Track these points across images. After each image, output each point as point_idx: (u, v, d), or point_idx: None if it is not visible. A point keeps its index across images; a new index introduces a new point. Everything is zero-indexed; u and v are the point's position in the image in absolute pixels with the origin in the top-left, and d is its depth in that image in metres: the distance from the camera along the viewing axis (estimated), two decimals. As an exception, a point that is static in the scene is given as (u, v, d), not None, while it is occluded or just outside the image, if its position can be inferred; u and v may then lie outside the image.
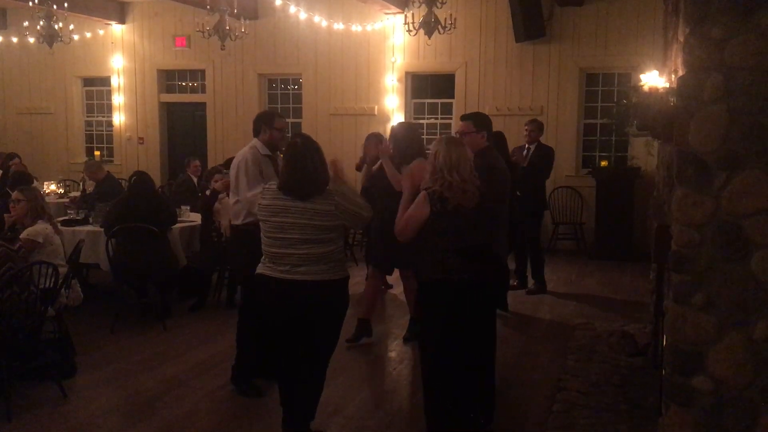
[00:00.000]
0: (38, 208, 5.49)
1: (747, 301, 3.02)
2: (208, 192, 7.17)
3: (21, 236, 5.28)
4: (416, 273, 3.99)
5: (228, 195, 6.84)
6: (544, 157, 7.99)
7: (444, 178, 3.70)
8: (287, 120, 12.27)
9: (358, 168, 7.71)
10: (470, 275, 3.75)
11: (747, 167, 2.98)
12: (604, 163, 10.41)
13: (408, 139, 5.53)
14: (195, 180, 9.32)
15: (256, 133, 5.02)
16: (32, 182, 7.63)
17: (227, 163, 9.35)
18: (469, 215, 3.74)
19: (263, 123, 5.00)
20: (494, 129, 7.23)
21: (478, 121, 4.95)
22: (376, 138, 6.93)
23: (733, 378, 3.06)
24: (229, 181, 6.89)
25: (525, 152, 8.03)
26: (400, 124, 6.09)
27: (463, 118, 5.14)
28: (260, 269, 3.92)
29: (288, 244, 3.79)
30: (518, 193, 7.64)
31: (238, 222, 4.88)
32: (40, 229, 5.33)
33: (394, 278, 7.99)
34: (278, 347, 4.07)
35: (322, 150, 3.91)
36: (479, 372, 4.06)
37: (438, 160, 3.76)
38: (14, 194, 5.55)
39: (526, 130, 8.21)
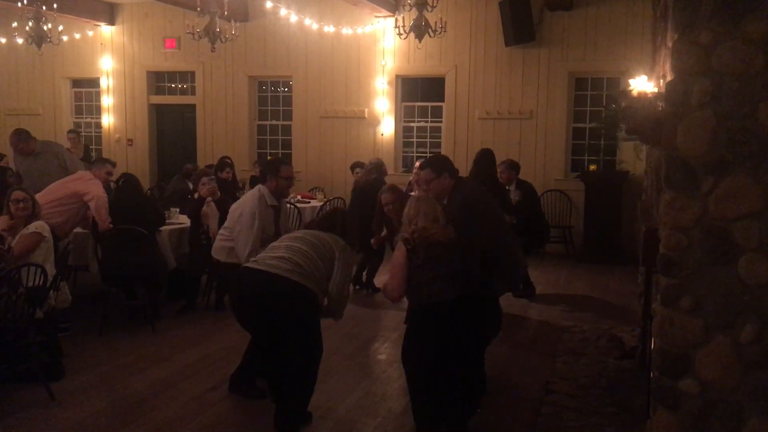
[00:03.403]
0: (37, 207, 5.50)
1: (734, 304, 3.04)
2: (195, 195, 7.16)
3: (26, 232, 5.26)
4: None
5: (214, 200, 6.91)
6: (528, 195, 7.88)
7: (406, 230, 4.12)
8: (276, 122, 12.40)
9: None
10: (451, 296, 3.89)
11: (734, 172, 3.01)
12: (592, 167, 10.47)
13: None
14: (191, 185, 9.11)
15: (263, 180, 5.23)
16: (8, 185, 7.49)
17: (219, 165, 9.34)
18: (443, 246, 3.97)
19: (269, 172, 5.22)
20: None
21: (434, 165, 4.80)
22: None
23: (720, 380, 3.09)
24: (215, 188, 6.94)
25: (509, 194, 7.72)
26: (385, 192, 6.14)
27: (421, 167, 5.04)
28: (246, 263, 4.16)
29: (276, 247, 3.92)
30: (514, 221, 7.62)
31: (221, 258, 5.01)
32: (42, 224, 5.35)
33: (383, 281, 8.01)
34: (260, 347, 4.26)
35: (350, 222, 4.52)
36: (465, 376, 4.13)
37: (405, 216, 4.22)
38: (17, 194, 5.51)
39: (498, 169, 7.76)
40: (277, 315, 4.02)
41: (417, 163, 5.88)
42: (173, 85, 12.99)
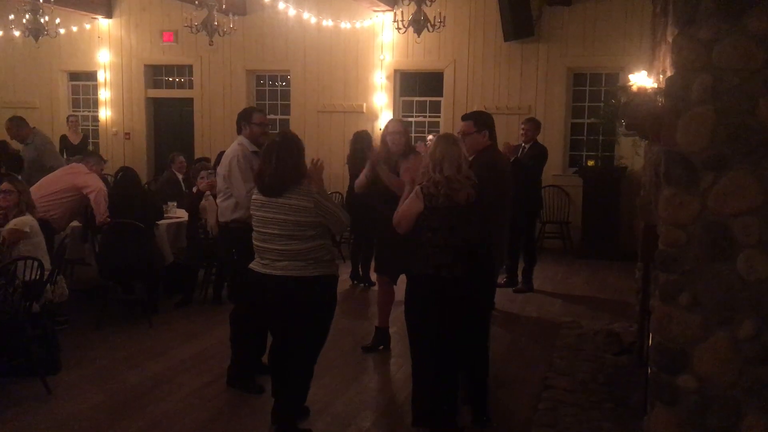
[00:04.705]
0: (27, 201, 5.46)
1: (732, 301, 3.04)
2: (194, 190, 7.15)
3: (7, 227, 5.22)
4: (407, 267, 4.05)
5: (212, 194, 6.86)
6: (535, 156, 7.93)
7: (429, 175, 3.85)
8: (275, 117, 12.35)
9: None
10: (459, 272, 3.78)
11: (733, 168, 3.00)
12: (591, 163, 10.46)
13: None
14: (180, 177, 9.02)
15: (239, 130, 5.16)
16: (23, 166, 7.45)
17: (218, 160, 9.28)
18: (460, 211, 3.79)
19: (242, 120, 5.15)
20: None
21: (478, 120, 4.82)
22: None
23: (718, 377, 3.08)
24: (214, 181, 6.89)
25: (520, 151, 7.91)
26: (395, 121, 5.96)
27: (464, 117, 5.01)
28: (251, 264, 4.04)
29: (268, 238, 3.91)
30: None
31: (227, 219, 4.90)
32: (27, 220, 5.29)
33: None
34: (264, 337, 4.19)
35: (296, 146, 3.97)
36: (469, 366, 4.12)
37: (428, 156, 3.92)
38: (4, 185, 5.48)
39: (522, 128, 8.08)
40: (291, 315, 3.92)
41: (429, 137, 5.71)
42: (171, 79, 12.95)
